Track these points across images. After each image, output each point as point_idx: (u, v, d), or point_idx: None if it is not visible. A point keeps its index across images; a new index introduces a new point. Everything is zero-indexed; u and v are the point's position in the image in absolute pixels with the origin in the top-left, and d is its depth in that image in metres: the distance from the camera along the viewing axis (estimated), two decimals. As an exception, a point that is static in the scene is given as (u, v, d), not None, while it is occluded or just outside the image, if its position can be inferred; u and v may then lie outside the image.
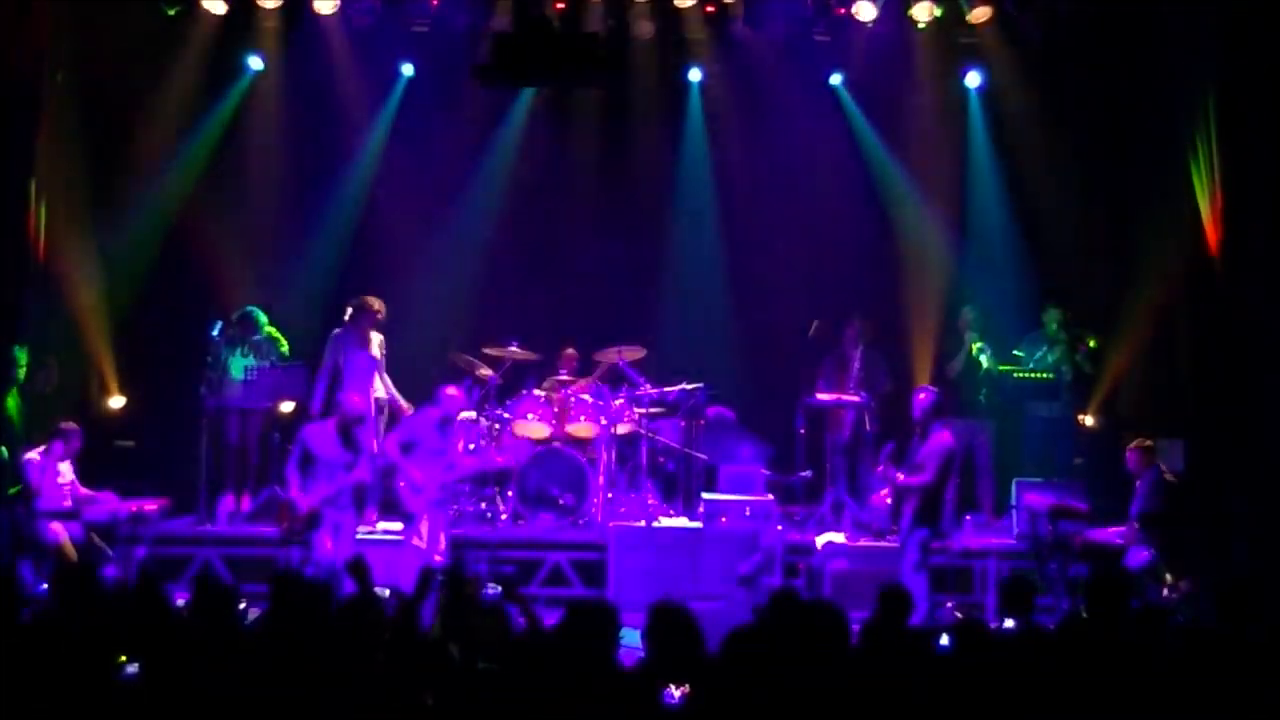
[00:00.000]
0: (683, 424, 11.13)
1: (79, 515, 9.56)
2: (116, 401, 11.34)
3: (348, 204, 12.34)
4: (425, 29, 11.72)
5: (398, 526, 9.93)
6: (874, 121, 12.25)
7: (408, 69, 12.11)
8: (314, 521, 9.26)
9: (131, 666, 4.66)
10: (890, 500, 9.52)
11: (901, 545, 9.24)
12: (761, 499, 10.29)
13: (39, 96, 10.24)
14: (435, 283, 12.25)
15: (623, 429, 10.98)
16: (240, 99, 11.96)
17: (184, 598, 6.32)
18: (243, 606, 6.63)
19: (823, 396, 11.18)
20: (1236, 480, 9.71)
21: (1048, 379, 11.21)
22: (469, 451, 10.50)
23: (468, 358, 11.21)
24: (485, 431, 10.84)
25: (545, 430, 10.90)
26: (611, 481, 10.76)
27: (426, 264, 12.30)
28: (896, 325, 12.01)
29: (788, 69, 12.08)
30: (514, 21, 9.05)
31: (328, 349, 10.88)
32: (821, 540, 10.24)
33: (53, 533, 9.43)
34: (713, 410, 11.28)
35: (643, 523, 10.41)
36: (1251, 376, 9.70)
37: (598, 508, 10.61)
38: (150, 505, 9.87)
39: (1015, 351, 11.48)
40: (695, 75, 12.32)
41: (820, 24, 11.49)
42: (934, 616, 8.71)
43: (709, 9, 11.72)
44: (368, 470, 9.60)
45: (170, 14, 11.27)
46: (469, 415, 10.97)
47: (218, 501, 10.85)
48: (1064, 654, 5.10)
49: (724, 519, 10.08)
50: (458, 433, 10.28)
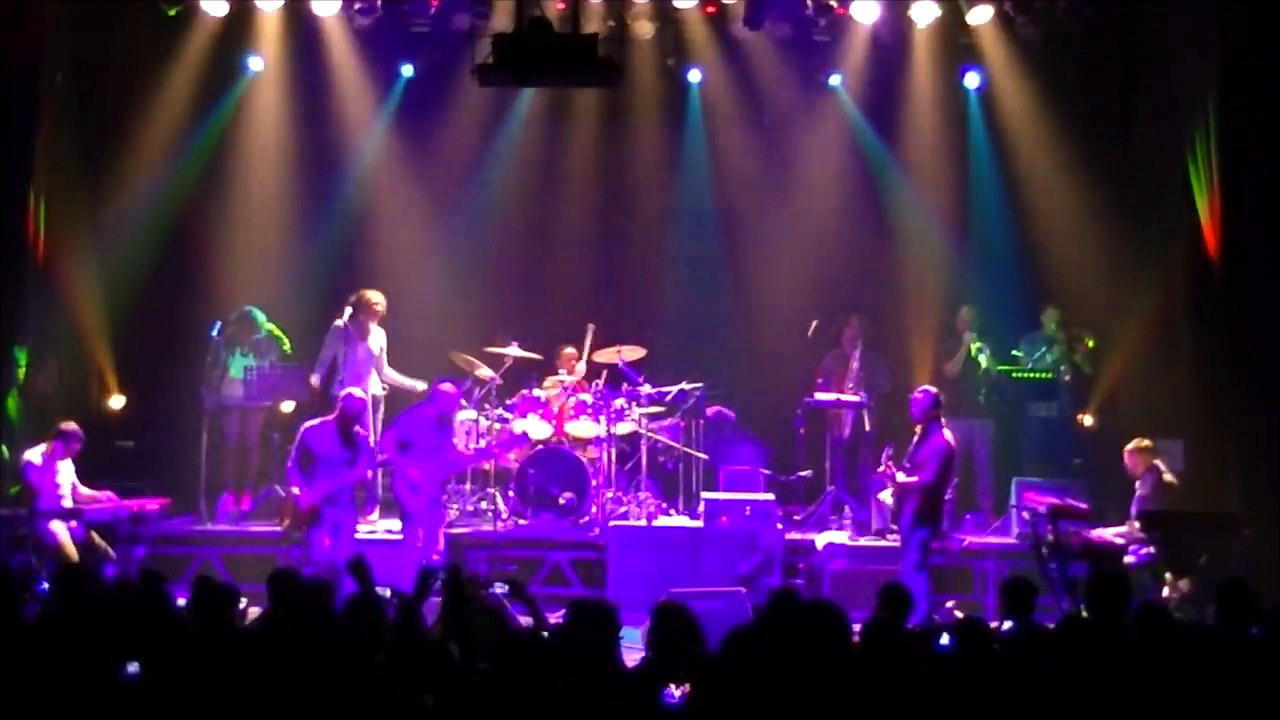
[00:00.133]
0: (683, 424, 11.14)
1: (79, 515, 9.56)
2: (116, 401, 11.34)
3: (348, 204, 12.37)
4: (425, 29, 11.72)
5: (397, 525, 9.93)
6: (873, 122, 12.27)
7: (407, 69, 12.12)
8: (314, 518, 9.26)
9: (131, 666, 4.66)
10: (891, 500, 9.52)
11: (901, 545, 9.24)
12: (761, 499, 10.30)
13: (39, 97, 10.26)
14: (435, 282, 12.26)
15: (623, 429, 10.99)
16: (240, 99, 11.96)
17: (184, 598, 6.33)
18: (242, 606, 6.64)
19: (822, 396, 11.19)
20: (1236, 480, 9.71)
21: (1047, 379, 11.22)
22: (468, 449, 10.51)
23: (468, 357, 11.21)
24: (485, 431, 10.84)
25: (545, 430, 10.90)
26: (611, 481, 10.77)
27: (426, 264, 12.32)
28: (896, 325, 12.03)
29: (788, 69, 12.08)
30: (514, 21, 9.05)
31: (326, 341, 10.87)
32: (821, 540, 10.24)
33: (52, 533, 9.42)
34: (713, 410, 11.29)
35: (643, 522, 10.43)
36: (1251, 376, 9.70)
37: (598, 508, 10.61)
38: (150, 505, 9.87)
39: (1014, 351, 11.49)
40: (695, 75, 12.33)
41: (820, 24, 11.48)
42: (934, 616, 8.71)
43: (709, 9, 11.72)
44: (368, 467, 9.60)
45: (170, 14, 11.25)
46: (469, 415, 10.98)
47: (218, 501, 10.86)
48: (1064, 654, 5.09)
49: (724, 519, 10.09)
50: (454, 430, 10.28)
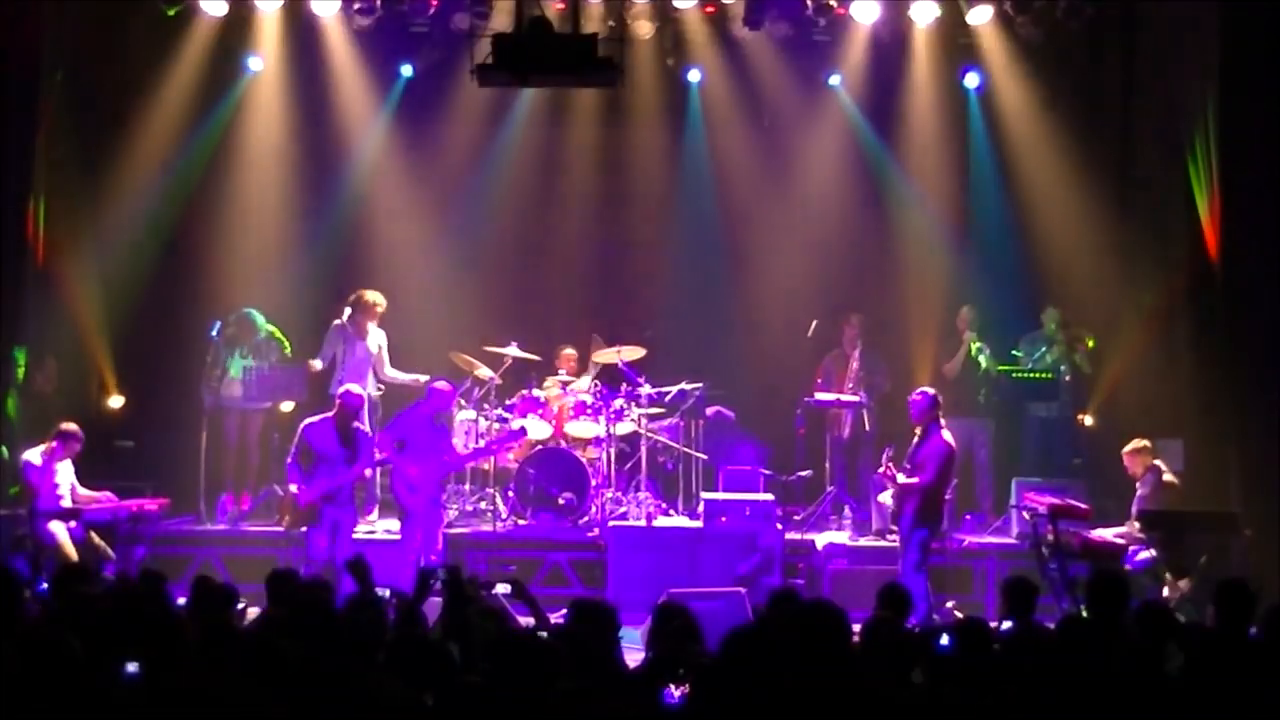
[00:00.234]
0: (682, 424, 11.13)
1: (78, 515, 9.56)
2: (116, 401, 11.34)
3: (347, 204, 12.36)
4: (425, 29, 11.71)
5: (397, 525, 9.92)
6: (873, 122, 12.27)
7: (407, 69, 12.11)
8: (313, 516, 9.25)
9: (131, 666, 4.66)
10: (891, 502, 9.52)
11: (901, 545, 9.24)
12: (761, 499, 10.30)
13: (39, 97, 10.26)
14: (435, 282, 12.26)
15: (623, 429, 10.98)
16: (240, 99, 11.95)
17: (184, 598, 6.33)
18: (241, 607, 6.63)
19: (822, 396, 11.20)
20: (1236, 480, 9.71)
21: (1046, 379, 11.22)
22: (467, 448, 10.50)
23: (467, 357, 11.21)
24: (485, 432, 10.83)
25: (545, 430, 10.90)
26: (611, 482, 10.76)
27: (426, 264, 12.32)
28: (896, 325, 12.02)
29: (788, 69, 12.08)
30: (514, 21, 9.05)
31: (327, 339, 10.87)
32: (821, 540, 10.25)
33: (52, 533, 9.42)
34: (712, 410, 11.29)
35: (642, 523, 10.43)
36: (1251, 376, 9.70)
37: (597, 508, 10.61)
38: (150, 505, 9.88)
39: (1014, 351, 11.49)
40: (695, 75, 12.33)
41: (820, 24, 11.47)
42: (934, 616, 8.70)
43: (709, 9, 11.71)
44: (367, 465, 9.58)
45: (170, 14, 11.25)
46: (469, 415, 10.98)
47: (217, 501, 10.85)
48: (1064, 654, 5.09)
49: (724, 519, 10.09)
50: (451, 428, 10.26)
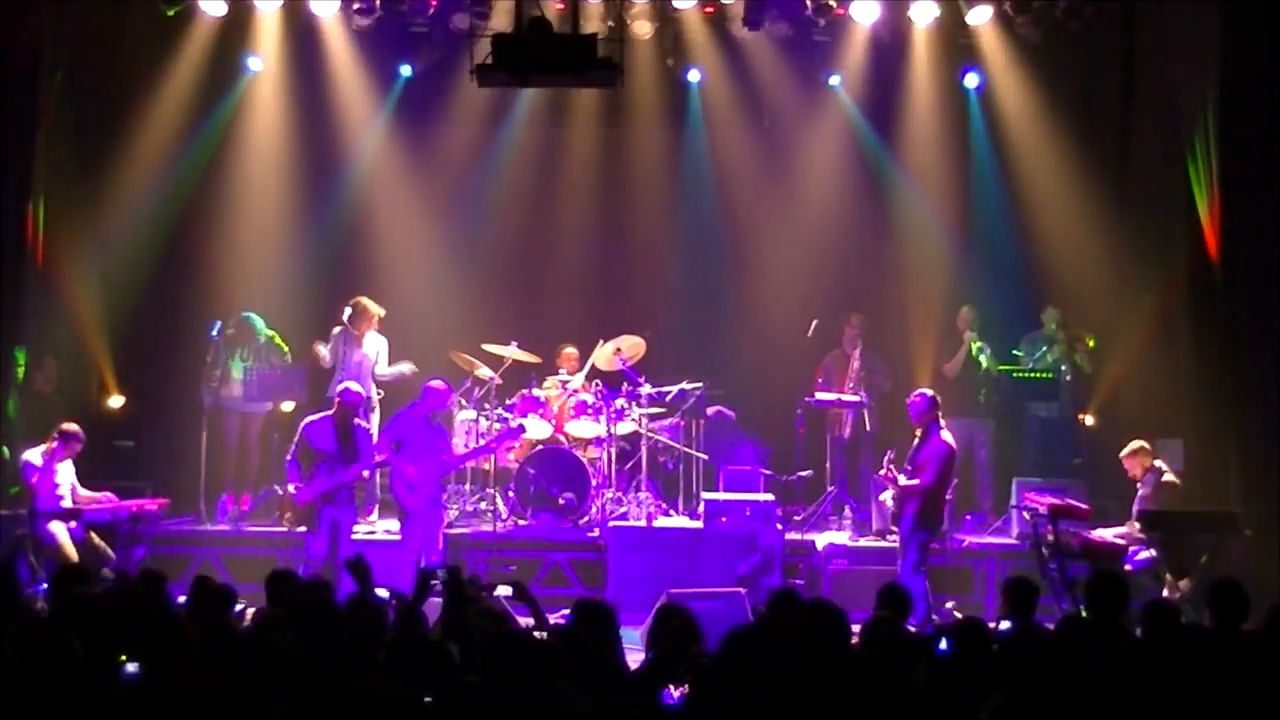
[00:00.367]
0: (683, 424, 11.13)
1: (78, 515, 9.56)
2: (116, 401, 11.34)
3: (347, 204, 12.37)
4: (424, 29, 11.71)
5: (396, 526, 9.91)
6: (873, 122, 12.27)
7: (406, 69, 12.10)
8: (313, 516, 9.25)
9: (131, 666, 4.66)
10: (892, 501, 9.51)
11: (901, 546, 9.23)
12: (761, 499, 10.30)
13: (39, 97, 10.26)
14: (435, 282, 12.26)
15: (623, 429, 10.98)
16: (239, 99, 11.95)
17: (184, 598, 6.33)
18: (240, 608, 6.63)
19: (822, 396, 11.19)
20: (1236, 480, 9.71)
21: (1047, 379, 11.22)
22: (466, 447, 10.51)
23: (467, 357, 11.20)
24: (485, 432, 10.83)
25: (545, 430, 10.90)
26: (611, 482, 10.76)
27: (426, 264, 12.32)
28: (896, 325, 12.02)
29: (787, 69, 12.07)
30: (513, 21, 9.04)
31: (331, 340, 10.89)
32: (821, 540, 10.25)
33: (52, 533, 9.42)
34: (713, 410, 11.28)
35: (643, 523, 10.42)
36: (1251, 377, 9.70)
37: (598, 508, 10.60)
38: (150, 505, 9.88)
39: (1014, 351, 11.49)
40: (695, 75, 12.33)
41: (820, 24, 11.47)
42: (934, 616, 8.70)
43: (708, 9, 11.71)
44: (366, 466, 9.58)
45: (170, 14, 11.25)
46: (469, 415, 10.97)
47: (217, 502, 10.86)
48: (1064, 654, 5.09)
49: (724, 519, 10.09)
50: (447, 427, 10.25)
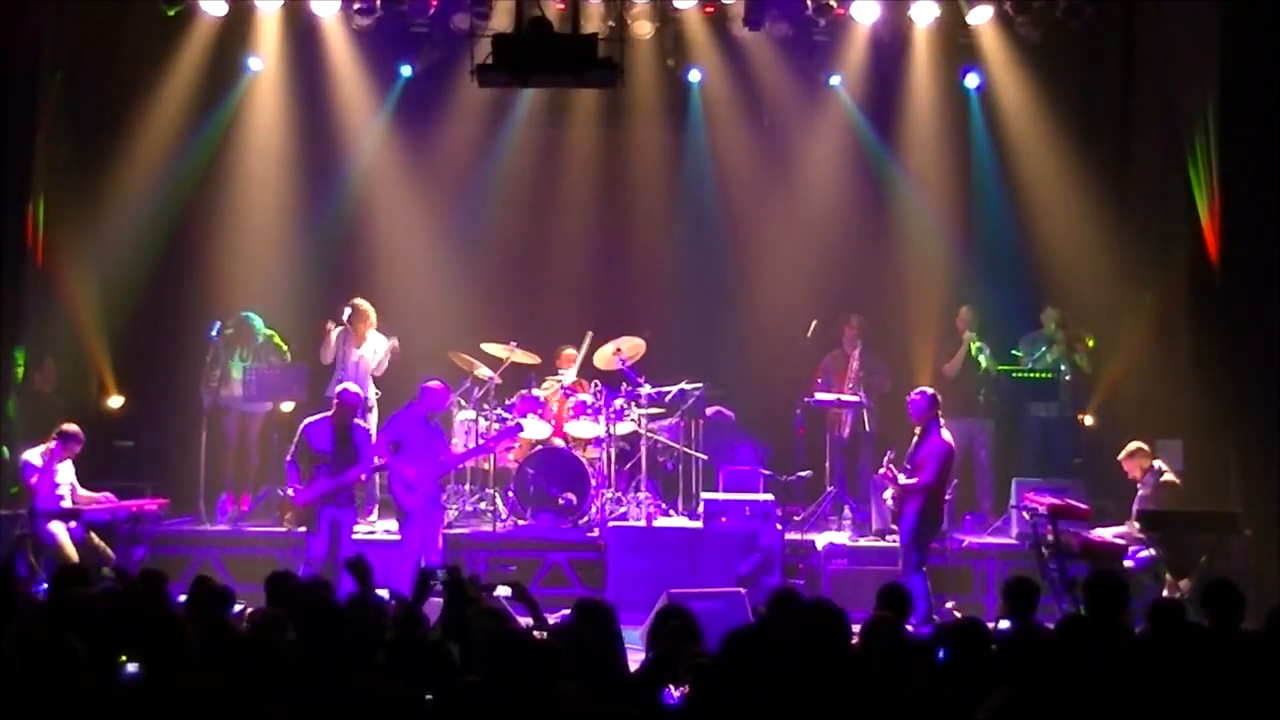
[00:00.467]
0: (682, 424, 11.13)
1: (78, 516, 9.56)
2: (116, 401, 11.34)
3: (347, 204, 12.37)
4: (425, 29, 11.71)
5: (395, 525, 9.91)
6: (873, 122, 12.27)
7: (407, 69, 12.10)
8: (313, 516, 9.25)
9: (131, 666, 4.66)
10: (892, 501, 9.51)
11: (901, 546, 9.24)
12: (761, 499, 10.30)
13: (38, 97, 10.26)
14: (434, 282, 12.26)
15: (623, 429, 10.98)
16: (240, 99, 11.95)
17: (184, 598, 6.33)
18: (239, 609, 6.62)
19: (822, 396, 11.19)
20: (1236, 480, 9.70)
21: (1046, 379, 11.22)
22: (466, 447, 10.51)
23: (467, 357, 11.20)
24: (485, 432, 10.82)
25: (545, 430, 10.89)
26: (611, 482, 10.76)
27: (426, 264, 12.32)
28: (896, 325, 12.02)
29: (788, 69, 12.07)
30: (513, 21, 9.04)
31: (333, 341, 10.89)
32: (821, 540, 10.25)
33: (52, 533, 9.42)
34: (712, 410, 11.28)
35: (642, 523, 10.42)
36: (1251, 376, 9.70)
37: (597, 508, 10.60)
38: (149, 505, 9.88)
39: (1014, 351, 11.48)
40: (695, 75, 12.33)
41: (820, 24, 11.47)
42: (934, 616, 8.70)
43: (709, 9, 11.71)
44: (366, 469, 9.57)
45: (170, 14, 11.25)
46: (469, 415, 10.97)
47: (217, 502, 10.86)
48: (1064, 654, 5.08)
49: (724, 519, 10.08)
50: (445, 427, 10.25)
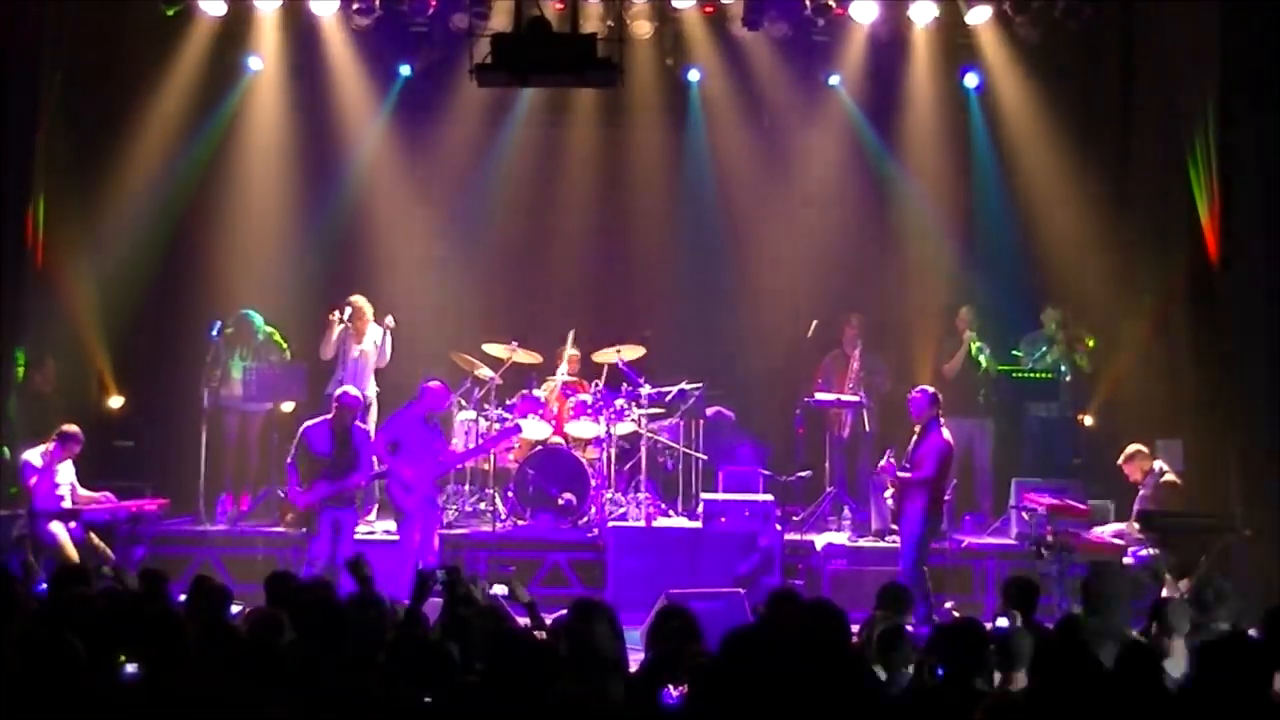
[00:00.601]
0: (682, 424, 11.13)
1: (78, 516, 9.56)
2: (116, 401, 11.34)
3: (347, 204, 12.37)
4: (424, 29, 11.70)
5: (393, 526, 9.90)
6: (873, 122, 12.26)
7: (406, 69, 12.10)
8: (314, 517, 9.24)
9: (131, 666, 4.66)
10: (892, 501, 9.52)
11: (901, 545, 9.23)
12: (761, 499, 10.30)
13: (38, 97, 10.25)
14: (434, 282, 12.26)
15: (622, 429, 10.98)
16: (240, 99, 11.95)
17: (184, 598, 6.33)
18: (238, 609, 6.62)
19: (822, 396, 11.20)
20: (1236, 480, 9.70)
21: (1046, 379, 11.22)
22: (466, 447, 10.50)
23: (467, 357, 11.20)
24: (485, 432, 10.82)
25: (545, 430, 10.89)
26: (611, 482, 10.76)
27: (426, 263, 12.32)
28: (896, 325, 12.02)
29: (787, 69, 12.07)
30: (513, 21, 9.04)
31: (334, 339, 10.90)
32: (821, 540, 10.25)
33: (53, 533, 9.42)
34: (712, 410, 11.28)
35: (642, 523, 10.42)
36: (1251, 377, 9.69)
37: (597, 508, 10.60)
38: (149, 505, 9.88)
39: (1014, 351, 11.49)
40: (695, 75, 12.33)
41: (819, 24, 11.47)
42: (933, 616, 8.70)
43: (708, 9, 11.71)
44: (367, 474, 9.55)
45: (169, 14, 11.25)
46: (469, 415, 10.97)
47: (217, 502, 10.86)
48: (1064, 653, 5.08)
49: (724, 519, 10.08)
50: (444, 427, 10.26)
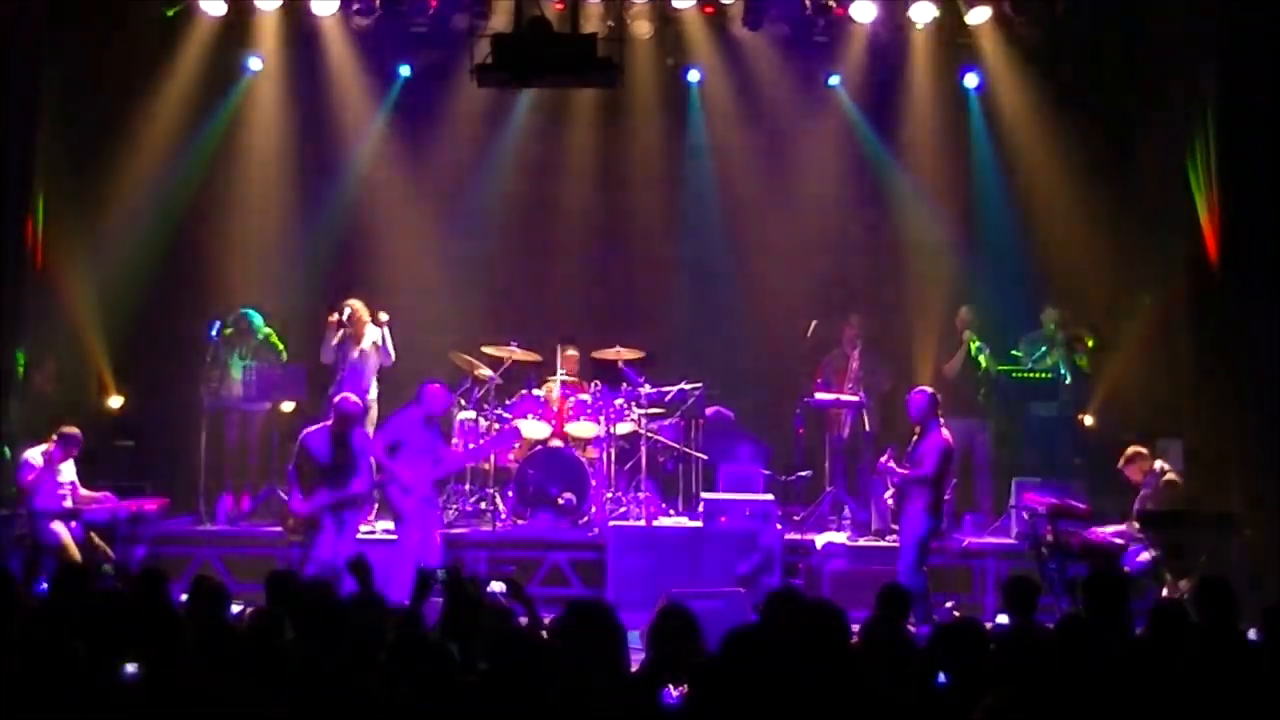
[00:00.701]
0: (682, 424, 11.13)
1: (78, 515, 9.57)
2: (116, 401, 11.34)
3: (346, 204, 12.37)
4: (424, 29, 11.71)
5: (392, 526, 9.90)
6: (873, 122, 12.27)
7: (406, 69, 12.10)
8: (315, 523, 9.23)
9: (131, 666, 4.66)
10: (892, 500, 9.52)
11: (901, 545, 9.23)
12: (761, 499, 10.30)
13: (38, 97, 10.25)
14: (435, 282, 12.26)
15: (623, 429, 10.98)
16: (240, 99, 11.96)
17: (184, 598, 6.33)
18: (238, 609, 6.62)
19: (822, 396, 11.20)
20: (1236, 480, 9.71)
21: (1046, 379, 11.22)
22: (467, 447, 10.50)
23: (467, 358, 11.20)
24: (485, 432, 10.83)
25: (545, 430, 10.90)
26: (611, 481, 10.76)
27: (426, 263, 12.32)
28: (896, 325, 12.02)
29: (787, 69, 12.08)
30: (513, 21, 9.05)
31: (333, 342, 10.89)
32: (821, 540, 10.25)
33: (54, 533, 9.42)
34: (712, 410, 11.28)
35: (642, 523, 10.42)
36: (1251, 377, 9.70)
37: (597, 508, 10.60)
38: (149, 505, 9.88)
39: (1014, 351, 11.48)
40: (695, 75, 12.33)
41: (819, 24, 11.48)
42: (933, 616, 8.70)
43: (708, 9, 11.71)
44: (367, 481, 9.51)
45: (169, 14, 11.26)
46: (469, 415, 10.97)
47: (217, 501, 10.86)
48: (1064, 654, 5.08)
49: (724, 519, 10.08)
50: (444, 429, 10.26)
